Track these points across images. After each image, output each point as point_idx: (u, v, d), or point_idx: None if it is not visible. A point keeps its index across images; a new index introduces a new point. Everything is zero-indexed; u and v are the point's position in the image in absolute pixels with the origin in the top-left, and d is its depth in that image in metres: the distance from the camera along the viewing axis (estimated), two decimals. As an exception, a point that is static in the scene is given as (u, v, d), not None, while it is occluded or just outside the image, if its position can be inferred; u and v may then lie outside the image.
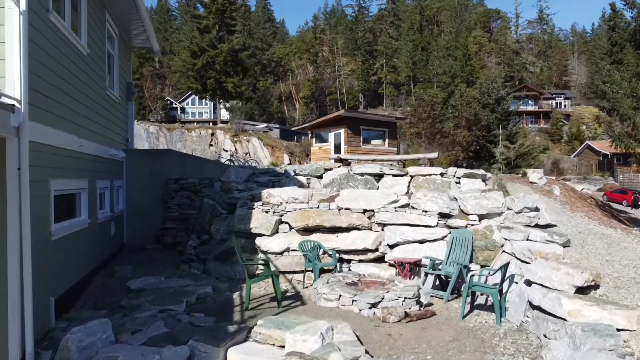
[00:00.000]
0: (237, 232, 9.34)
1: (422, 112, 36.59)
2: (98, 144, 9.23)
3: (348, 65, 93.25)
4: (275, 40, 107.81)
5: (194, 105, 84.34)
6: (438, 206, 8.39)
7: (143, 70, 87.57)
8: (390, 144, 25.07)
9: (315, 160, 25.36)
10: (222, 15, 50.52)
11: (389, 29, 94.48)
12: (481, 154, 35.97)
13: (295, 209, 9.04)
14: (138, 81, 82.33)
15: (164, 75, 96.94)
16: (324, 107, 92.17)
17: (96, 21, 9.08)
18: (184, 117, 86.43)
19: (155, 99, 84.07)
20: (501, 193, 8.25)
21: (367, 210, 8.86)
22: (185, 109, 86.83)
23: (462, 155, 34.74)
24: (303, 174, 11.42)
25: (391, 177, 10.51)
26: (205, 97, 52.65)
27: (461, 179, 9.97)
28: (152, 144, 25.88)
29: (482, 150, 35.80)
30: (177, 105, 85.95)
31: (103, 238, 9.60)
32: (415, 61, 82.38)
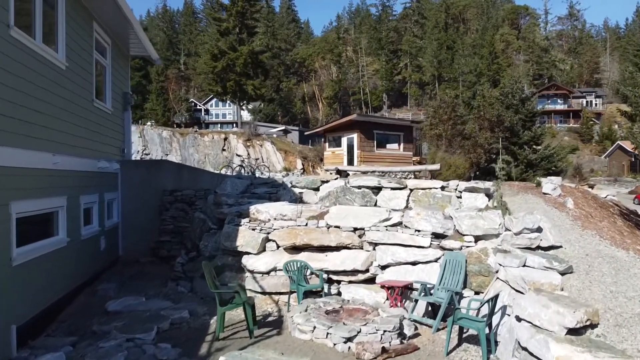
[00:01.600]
0: (224, 250, 8.98)
1: (442, 113, 35.69)
2: (83, 158, 8.99)
3: (372, 65, 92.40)
4: (300, 41, 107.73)
5: (218, 107, 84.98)
6: (431, 225, 7.83)
7: (168, 73, 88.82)
8: (405, 148, 24.45)
9: (329, 164, 24.94)
10: (242, 18, 50.45)
11: (414, 27, 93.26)
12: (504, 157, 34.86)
13: (283, 226, 8.61)
14: (163, 83, 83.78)
15: (188, 77, 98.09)
16: (347, 108, 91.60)
17: (80, 33, 8.83)
18: (207, 119, 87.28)
19: (180, 101, 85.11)
20: (499, 212, 7.64)
21: (358, 228, 8.37)
22: (209, 110, 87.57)
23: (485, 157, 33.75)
24: (299, 186, 11.00)
25: (389, 190, 9.98)
26: (225, 100, 52.76)
27: (462, 194, 9.37)
28: (165, 149, 25.86)
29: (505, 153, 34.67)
30: (201, 106, 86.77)
31: (89, 254, 9.35)
32: (440, 60, 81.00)
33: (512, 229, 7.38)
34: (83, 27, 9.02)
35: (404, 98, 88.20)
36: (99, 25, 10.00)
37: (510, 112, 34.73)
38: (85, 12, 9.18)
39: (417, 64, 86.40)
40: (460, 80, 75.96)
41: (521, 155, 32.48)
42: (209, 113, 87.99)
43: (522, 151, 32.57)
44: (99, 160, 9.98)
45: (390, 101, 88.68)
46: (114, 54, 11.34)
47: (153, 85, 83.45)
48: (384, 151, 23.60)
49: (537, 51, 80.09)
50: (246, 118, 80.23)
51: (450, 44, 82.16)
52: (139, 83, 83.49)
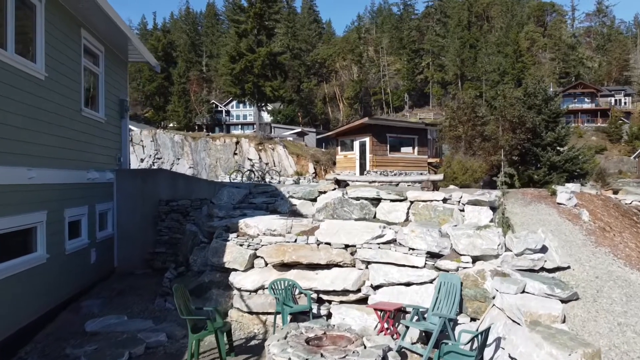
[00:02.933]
0: (212, 266, 8.59)
1: (461, 114, 34.80)
2: (69, 169, 8.73)
3: (393, 64, 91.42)
4: (321, 42, 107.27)
5: (238, 108, 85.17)
6: (426, 244, 7.29)
7: (190, 75, 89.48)
8: (420, 152, 23.80)
9: (341, 169, 24.46)
10: (260, 19, 50.23)
11: (436, 26, 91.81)
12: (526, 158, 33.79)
13: (271, 242, 8.16)
14: (184, 85, 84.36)
15: (210, 78, 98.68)
16: (368, 108, 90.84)
17: (64, 40, 8.55)
18: (228, 120, 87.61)
19: (201, 103, 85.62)
20: (499, 231, 7.04)
21: (349, 245, 7.87)
22: (230, 112, 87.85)
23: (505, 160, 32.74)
24: (296, 197, 10.56)
25: (389, 202, 9.45)
26: (244, 102, 52.73)
27: (465, 207, 8.79)
28: (177, 153, 25.73)
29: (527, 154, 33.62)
30: (222, 108, 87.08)
31: (76, 269, 9.08)
32: (463, 59, 79.62)
33: (512, 249, 6.79)
34: (68, 34, 8.75)
35: (426, 98, 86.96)
36: (88, 33, 9.74)
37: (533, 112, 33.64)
38: (71, 19, 8.91)
39: (440, 63, 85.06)
40: (483, 79, 74.53)
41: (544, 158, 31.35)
42: (229, 114, 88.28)
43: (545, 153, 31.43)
44: (89, 171, 9.72)
45: (412, 101, 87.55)
46: (108, 60, 11.08)
47: (175, 87, 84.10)
48: (398, 155, 23.00)
49: (563, 49, 77.93)
50: (266, 119, 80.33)
51: (473, 43, 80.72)
52: (161, 85, 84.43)
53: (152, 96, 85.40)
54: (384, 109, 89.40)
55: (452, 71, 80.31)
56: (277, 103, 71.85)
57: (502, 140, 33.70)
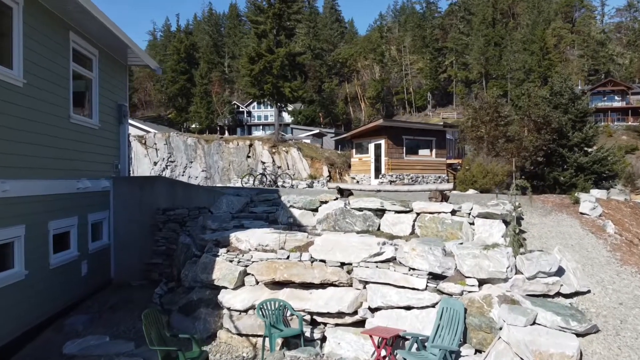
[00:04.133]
0: (201, 283, 8.07)
1: (484, 114, 33.70)
2: (54, 179, 8.32)
3: (416, 63, 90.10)
4: (343, 41, 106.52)
5: (260, 109, 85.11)
6: (428, 264, 6.60)
7: (211, 76, 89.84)
8: (438, 154, 22.95)
9: (356, 172, 23.79)
10: (279, 19, 49.84)
11: (460, 24, 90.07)
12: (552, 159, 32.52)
13: (262, 258, 7.59)
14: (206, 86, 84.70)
15: (232, 79, 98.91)
16: (390, 108, 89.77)
17: (48, 45, 8.13)
18: (249, 121, 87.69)
19: (223, 104, 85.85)
20: (508, 251, 6.30)
21: (345, 263, 7.24)
22: (251, 112, 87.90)
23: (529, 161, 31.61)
24: (297, 207, 9.98)
25: (393, 213, 8.80)
26: (263, 102, 52.48)
27: (476, 220, 8.07)
28: (190, 156, 25.43)
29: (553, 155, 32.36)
30: (244, 109, 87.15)
31: (63, 283, 8.67)
32: (488, 57, 77.79)
33: (524, 272, 6.06)
34: (53, 38, 8.33)
35: (449, 97, 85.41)
36: (78, 36, 9.31)
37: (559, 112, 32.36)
38: (57, 22, 8.49)
39: (463, 61, 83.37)
40: (508, 78, 72.76)
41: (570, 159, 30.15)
42: (251, 115, 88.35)
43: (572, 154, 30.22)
44: (80, 180, 9.31)
45: (435, 100, 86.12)
46: (104, 65, 10.67)
47: (197, 89, 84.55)
48: (414, 158, 22.18)
49: (592, 45, 75.40)
50: (287, 120, 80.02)
51: (498, 40, 78.84)
52: (184, 86, 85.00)
53: (175, 97, 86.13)
54: (406, 108, 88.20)
55: (476, 70, 78.58)
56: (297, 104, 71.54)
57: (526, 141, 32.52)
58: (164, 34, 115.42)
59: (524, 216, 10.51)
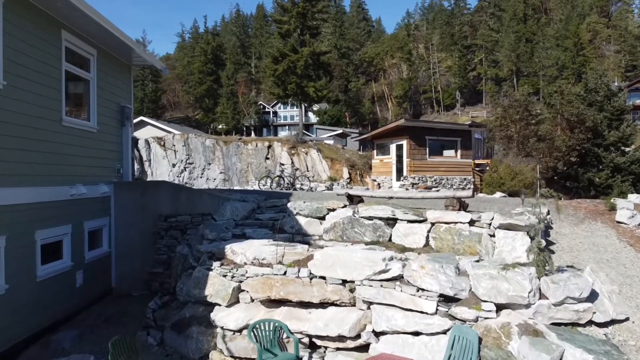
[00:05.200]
0: (194, 298, 7.46)
1: (513, 112, 32.34)
2: (43, 186, 7.86)
3: (444, 61, 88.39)
4: (370, 40, 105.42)
5: (286, 109, 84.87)
6: (439, 284, 5.81)
7: (238, 77, 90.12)
8: (463, 155, 21.91)
9: (377, 174, 22.95)
10: (303, 19, 49.26)
11: (489, 20, 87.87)
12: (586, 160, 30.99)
13: (257, 273, 6.92)
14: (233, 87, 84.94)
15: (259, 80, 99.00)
16: (418, 107, 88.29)
17: (35, 44, 7.67)
18: (275, 121, 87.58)
19: (249, 104, 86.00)
20: (531, 272, 5.45)
21: (347, 281, 6.51)
22: (277, 112, 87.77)
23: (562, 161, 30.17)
24: (303, 214, 9.29)
25: (405, 223, 8.02)
26: (287, 103, 52.08)
27: (497, 231, 7.21)
28: (207, 158, 25.04)
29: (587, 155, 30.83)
30: (270, 109, 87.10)
31: (53, 295, 8.21)
32: (519, 54, 75.61)
33: (549, 297, 5.22)
34: (41, 36, 7.86)
35: (478, 95, 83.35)
36: (72, 35, 8.85)
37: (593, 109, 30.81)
38: (46, 19, 8.02)
39: (493, 58, 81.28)
40: (540, 75, 70.49)
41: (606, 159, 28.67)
42: (277, 115, 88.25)
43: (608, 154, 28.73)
44: (74, 186, 8.84)
45: (464, 99, 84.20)
46: (103, 65, 10.20)
47: (223, 89, 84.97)
48: (438, 159, 21.21)
49: (630, 40, 72.27)
50: (312, 120, 79.52)
51: (529, 36, 76.49)
52: (210, 87, 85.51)
53: (202, 98, 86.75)
54: (434, 107, 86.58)
55: (507, 67, 76.47)
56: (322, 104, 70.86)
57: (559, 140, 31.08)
58: (192, 36, 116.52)
59: (553, 224, 9.58)
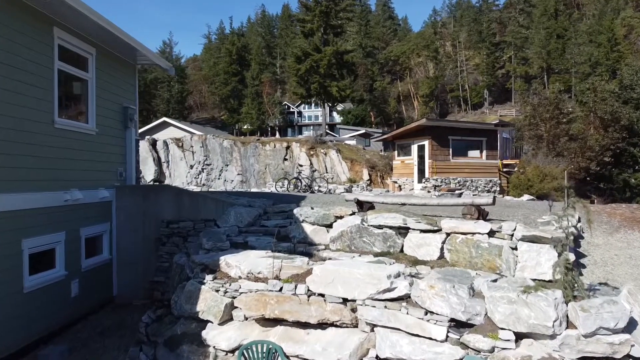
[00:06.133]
0: (186, 313, 6.90)
1: (543, 111, 31.10)
2: (29, 192, 7.43)
3: (472, 59, 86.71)
4: (396, 39, 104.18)
5: (310, 109, 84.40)
6: (450, 307, 5.10)
7: (262, 77, 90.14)
8: (489, 156, 20.92)
9: (398, 175, 22.12)
10: (326, 17, 48.68)
11: (519, 16, 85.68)
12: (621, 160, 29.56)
13: (251, 289, 6.31)
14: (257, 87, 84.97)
15: (283, 80, 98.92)
16: (445, 105, 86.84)
17: (20, 42, 7.24)
18: (300, 121, 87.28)
19: (274, 104, 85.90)
20: (557, 297, 4.67)
21: (349, 299, 5.84)
22: (302, 112, 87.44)
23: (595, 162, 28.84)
24: (309, 222, 8.63)
25: (418, 233, 7.30)
26: (310, 103, 51.64)
27: (519, 244, 6.43)
28: (225, 159, 24.65)
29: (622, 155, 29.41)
30: (294, 109, 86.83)
31: (43, 307, 7.79)
32: (550, 50, 73.45)
33: (579, 327, 4.46)
34: (28, 33, 7.43)
35: (507, 93, 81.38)
36: (67, 32, 8.42)
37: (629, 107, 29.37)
38: (34, 15, 7.59)
39: (523, 55, 79.19)
40: (572, 72, 68.22)
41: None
42: (301, 115, 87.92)
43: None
44: (68, 191, 8.42)
45: (493, 97, 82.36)
46: (104, 64, 9.77)
47: (248, 90, 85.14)
48: (462, 160, 20.26)
49: (668, 34, 69.45)
50: (337, 120, 78.85)
51: (561, 32, 74.21)
52: (235, 88, 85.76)
53: (227, 99, 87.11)
54: (461, 106, 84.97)
55: (537, 64, 74.34)
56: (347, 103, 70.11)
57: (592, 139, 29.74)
58: (218, 37, 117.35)
59: (585, 233, 8.70)
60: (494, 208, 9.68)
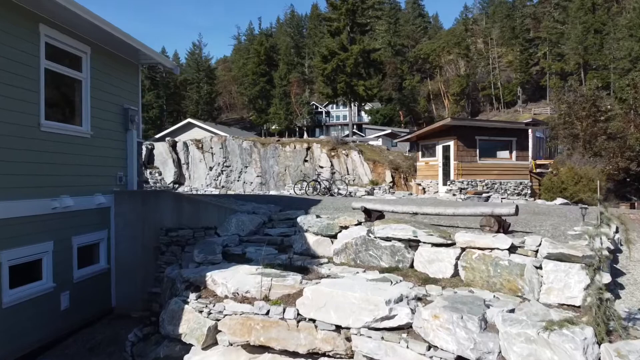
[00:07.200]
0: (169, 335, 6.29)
1: (579, 108, 29.51)
2: (12, 200, 6.96)
3: (505, 56, 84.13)
4: (426, 36, 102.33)
5: (339, 109, 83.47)
6: (456, 342, 4.30)
7: (290, 77, 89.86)
8: (519, 157, 19.74)
9: (422, 178, 21.16)
10: (353, 16, 47.88)
11: (554, 11, 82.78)
12: (667, 162, 27.75)
13: (236, 311, 5.63)
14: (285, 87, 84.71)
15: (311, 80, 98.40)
16: (476, 104, 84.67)
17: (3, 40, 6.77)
18: (328, 121, 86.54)
19: (302, 104, 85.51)
20: (587, 336, 3.81)
21: (342, 327, 5.10)
22: (330, 112, 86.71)
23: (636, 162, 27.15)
24: (312, 231, 7.92)
25: (429, 247, 6.49)
26: (336, 102, 50.97)
27: (544, 263, 5.56)
28: (244, 160, 24.14)
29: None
30: (322, 109, 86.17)
31: (29, 322, 7.32)
32: (587, 46, 70.52)
33: (613, 375, 3.60)
34: (8, 30, 6.95)
35: (542, 91, 78.65)
36: (56, 29, 7.94)
37: (675, 104, 27.62)
38: (15, 11, 7.11)
39: (558, 52, 76.35)
40: (611, 68, 65.36)
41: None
42: (329, 115, 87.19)
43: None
44: (56, 198, 7.94)
45: (526, 95, 79.79)
46: (100, 63, 9.28)
47: (276, 90, 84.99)
48: (490, 161, 19.16)
49: None
50: (365, 119, 77.81)
51: (598, 27, 71.20)
52: (263, 88, 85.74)
53: (255, 99, 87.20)
54: (493, 104, 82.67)
55: (574, 60, 71.51)
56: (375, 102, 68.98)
57: (632, 138, 28.03)
58: (247, 38, 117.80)
59: (623, 246, 7.70)
60: (520, 216, 8.77)
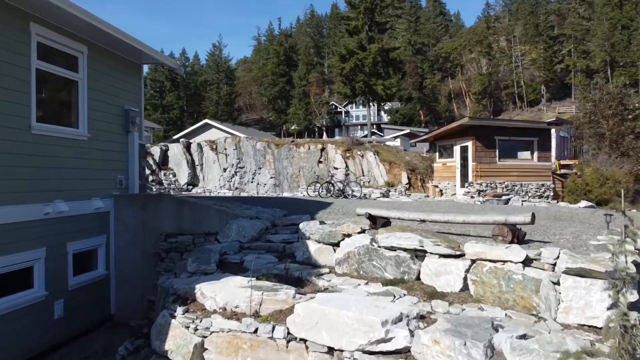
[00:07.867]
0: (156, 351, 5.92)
1: (605, 107, 28.48)
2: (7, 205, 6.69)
3: (528, 54, 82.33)
4: (447, 35, 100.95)
5: (358, 109, 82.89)
6: (459, 371, 3.81)
7: (309, 77, 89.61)
8: (541, 157, 18.95)
9: (439, 179, 20.51)
10: (371, 14, 47.25)
11: (579, 7, 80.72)
12: (695, 162, 26.56)
13: (224, 328, 5.22)
14: (305, 88, 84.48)
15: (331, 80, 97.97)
16: (498, 103, 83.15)
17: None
18: (348, 121, 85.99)
19: (321, 104, 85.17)
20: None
21: (335, 349, 4.64)
22: (349, 112, 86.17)
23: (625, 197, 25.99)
24: (314, 239, 7.47)
25: (437, 258, 5.98)
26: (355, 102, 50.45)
27: (562, 277, 5.01)
28: (258, 162, 23.81)
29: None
30: (341, 109, 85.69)
31: (20, 332, 7.04)
32: (613, 43, 68.60)
33: (639, 419, 3.07)
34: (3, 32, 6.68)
35: (566, 89, 76.75)
36: (48, 28, 7.65)
37: None
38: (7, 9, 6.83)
39: (584, 49, 74.42)
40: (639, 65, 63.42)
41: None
42: (349, 115, 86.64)
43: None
44: (50, 203, 7.65)
45: (550, 93, 77.95)
46: (98, 64, 8.99)
47: (295, 90, 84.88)
48: (510, 162, 18.42)
49: None
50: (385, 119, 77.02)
51: (626, 23, 69.21)
52: (283, 88, 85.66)
53: (275, 100, 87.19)
54: (516, 103, 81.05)
55: (600, 57, 69.58)
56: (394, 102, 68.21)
57: (659, 137, 26.96)
58: (267, 38, 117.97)
59: None
60: (539, 222, 8.20)
